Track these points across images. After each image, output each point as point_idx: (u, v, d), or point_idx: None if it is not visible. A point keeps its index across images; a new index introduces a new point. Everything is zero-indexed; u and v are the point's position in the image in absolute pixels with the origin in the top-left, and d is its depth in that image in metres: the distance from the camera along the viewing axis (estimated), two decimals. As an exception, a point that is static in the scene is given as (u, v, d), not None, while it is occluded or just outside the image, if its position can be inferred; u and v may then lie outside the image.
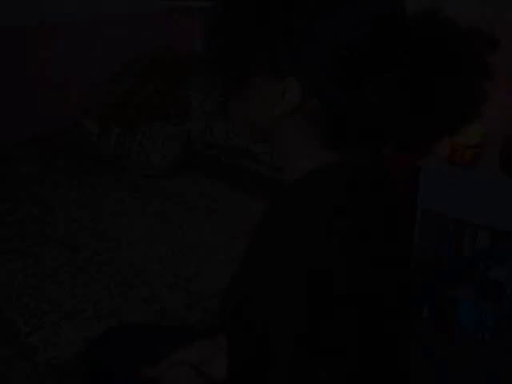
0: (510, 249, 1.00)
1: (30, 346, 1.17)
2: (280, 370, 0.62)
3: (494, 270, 1.97)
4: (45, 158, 2.21)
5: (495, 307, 1.92)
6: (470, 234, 2.09)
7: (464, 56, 0.62)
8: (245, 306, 0.67)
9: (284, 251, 0.62)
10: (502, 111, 2.00)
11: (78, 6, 2.49)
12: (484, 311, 1.96)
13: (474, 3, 1.98)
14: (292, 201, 0.69)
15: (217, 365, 0.95)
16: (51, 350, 1.16)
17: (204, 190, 1.92)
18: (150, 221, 1.69)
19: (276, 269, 0.62)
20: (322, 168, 0.70)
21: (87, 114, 2.11)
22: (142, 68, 2.29)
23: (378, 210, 0.72)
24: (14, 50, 2.34)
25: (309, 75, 0.65)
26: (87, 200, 1.84)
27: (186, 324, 1.31)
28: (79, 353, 1.16)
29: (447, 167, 1.92)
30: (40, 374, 1.12)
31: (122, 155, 2.05)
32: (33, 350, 1.16)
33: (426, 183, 1.98)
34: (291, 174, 0.73)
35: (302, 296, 0.60)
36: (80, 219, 1.70)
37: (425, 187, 1.99)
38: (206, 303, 1.36)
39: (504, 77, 1.79)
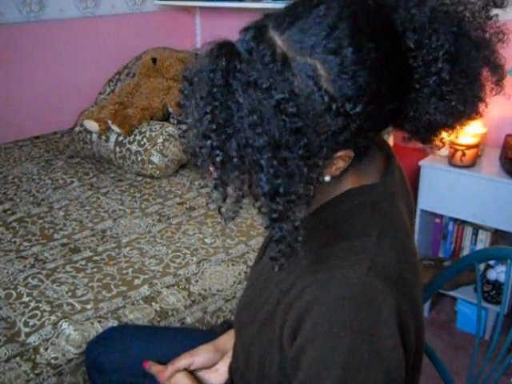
0: (510, 249, 1.00)
1: (30, 345, 1.17)
2: None
3: (494, 270, 1.97)
4: (45, 158, 2.22)
5: (495, 307, 1.92)
6: (470, 233, 2.10)
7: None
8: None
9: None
10: (502, 111, 2.00)
11: (78, 5, 2.49)
12: (484, 311, 1.96)
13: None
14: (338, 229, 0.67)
15: (218, 371, 0.95)
16: (51, 350, 1.16)
17: (204, 190, 1.92)
18: (149, 221, 1.69)
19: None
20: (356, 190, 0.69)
21: (87, 115, 2.11)
22: (142, 68, 2.29)
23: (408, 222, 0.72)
24: (14, 49, 2.33)
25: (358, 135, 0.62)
26: (87, 200, 1.84)
27: (185, 324, 1.31)
28: (79, 353, 1.16)
29: (447, 167, 1.92)
30: (40, 374, 1.12)
31: (122, 155, 2.05)
32: (33, 349, 1.16)
33: (425, 183, 1.98)
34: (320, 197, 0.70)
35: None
36: (80, 219, 1.70)
37: (425, 187, 1.99)
38: (206, 303, 1.36)
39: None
